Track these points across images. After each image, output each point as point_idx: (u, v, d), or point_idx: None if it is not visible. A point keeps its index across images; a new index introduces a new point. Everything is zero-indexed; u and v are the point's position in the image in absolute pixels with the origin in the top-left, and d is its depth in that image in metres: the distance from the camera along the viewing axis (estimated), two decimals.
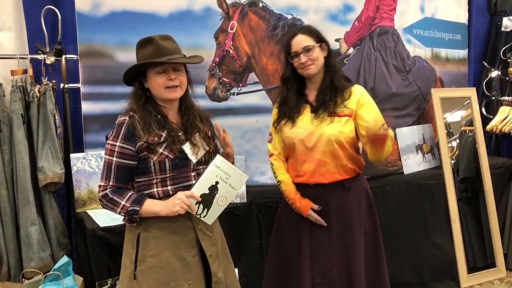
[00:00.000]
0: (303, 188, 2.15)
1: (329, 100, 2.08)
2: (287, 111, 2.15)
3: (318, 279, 2.11)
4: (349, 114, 2.08)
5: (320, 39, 2.11)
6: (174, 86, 1.77)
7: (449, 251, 3.23)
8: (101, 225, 2.30)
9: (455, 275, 3.23)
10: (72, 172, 2.51)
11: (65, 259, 2.41)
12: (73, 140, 2.61)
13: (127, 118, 1.76)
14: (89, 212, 2.48)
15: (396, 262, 3.03)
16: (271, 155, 2.25)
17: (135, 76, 1.81)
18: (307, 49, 2.07)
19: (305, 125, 2.10)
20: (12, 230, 2.40)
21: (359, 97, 2.10)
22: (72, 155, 2.53)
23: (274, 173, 2.23)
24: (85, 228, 2.34)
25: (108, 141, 1.77)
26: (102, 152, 2.54)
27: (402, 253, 3.07)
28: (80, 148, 2.62)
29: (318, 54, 2.09)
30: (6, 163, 2.40)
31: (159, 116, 1.78)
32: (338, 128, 2.06)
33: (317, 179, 2.11)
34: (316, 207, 2.12)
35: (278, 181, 2.21)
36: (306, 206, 2.13)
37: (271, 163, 2.25)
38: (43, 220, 2.46)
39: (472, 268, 3.31)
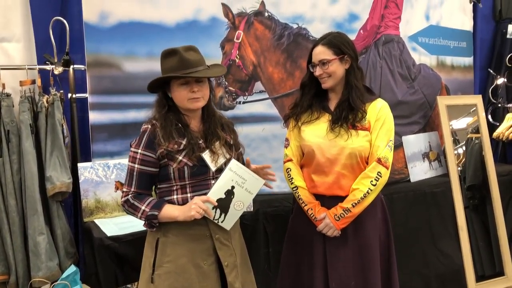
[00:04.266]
0: (318, 200, 2.13)
1: (348, 115, 2.04)
2: (301, 115, 2.15)
3: None
4: (367, 128, 2.06)
5: (341, 51, 2.05)
6: (197, 97, 1.79)
7: (457, 259, 3.21)
8: (109, 234, 2.30)
9: (463, 284, 3.20)
10: (80, 181, 2.52)
11: (72, 268, 2.41)
12: (80, 149, 2.63)
13: (149, 126, 1.81)
14: (97, 221, 2.48)
15: (403, 270, 3.01)
16: (289, 160, 2.19)
17: (159, 85, 1.84)
18: (322, 63, 2.05)
19: (323, 134, 2.08)
20: (20, 239, 2.41)
21: (378, 113, 2.08)
22: (79, 165, 2.54)
23: (291, 178, 2.16)
24: (92, 237, 2.34)
25: (131, 148, 1.82)
26: (110, 162, 2.58)
27: (410, 261, 3.06)
28: (87, 158, 2.63)
29: (336, 68, 2.05)
30: (14, 173, 2.42)
31: (180, 124, 1.81)
32: (359, 142, 2.04)
33: (335, 191, 2.08)
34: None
35: (295, 187, 2.14)
36: (324, 211, 2.09)
37: (288, 168, 2.18)
38: (51, 230, 2.47)
39: (481, 277, 3.28)
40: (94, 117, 2.59)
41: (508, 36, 3.91)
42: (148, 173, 1.79)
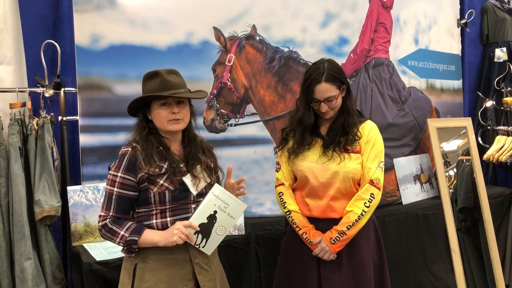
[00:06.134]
0: (312, 222, 2.12)
1: (340, 138, 2.05)
2: (296, 142, 2.13)
3: None
4: (358, 150, 2.07)
5: (341, 82, 2.05)
6: (177, 119, 1.78)
7: (450, 282, 3.19)
8: (98, 259, 2.26)
9: None
10: (69, 204, 2.49)
11: None
12: (70, 172, 2.60)
13: (129, 149, 1.77)
14: (85, 245, 2.44)
15: None
16: (281, 184, 2.17)
17: (139, 108, 1.83)
18: (329, 100, 2.03)
19: (315, 158, 2.08)
20: (7, 265, 2.36)
21: (367, 135, 2.09)
22: (69, 188, 2.51)
23: (284, 203, 2.14)
24: (81, 262, 2.30)
25: (110, 172, 1.78)
26: (99, 185, 2.55)
27: (402, 284, 3.03)
28: (77, 181, 2.61)
29: (340, 100, 2.06)
30: (2, 196, 2.38)
31: (161, 147, 1.79)
32: (352, 165, 2.04)
33: (329, 214, 2.07)
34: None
35: (288, 211, 2.12)
36: (319, 235, 2.08)
37: (280, 192, 2.16)
38: (38, 254, 2.43)
39: None
40: (85, 139, 2.58)
41: (495, 60, 3.98)
42: (128, 197, 1.76)
